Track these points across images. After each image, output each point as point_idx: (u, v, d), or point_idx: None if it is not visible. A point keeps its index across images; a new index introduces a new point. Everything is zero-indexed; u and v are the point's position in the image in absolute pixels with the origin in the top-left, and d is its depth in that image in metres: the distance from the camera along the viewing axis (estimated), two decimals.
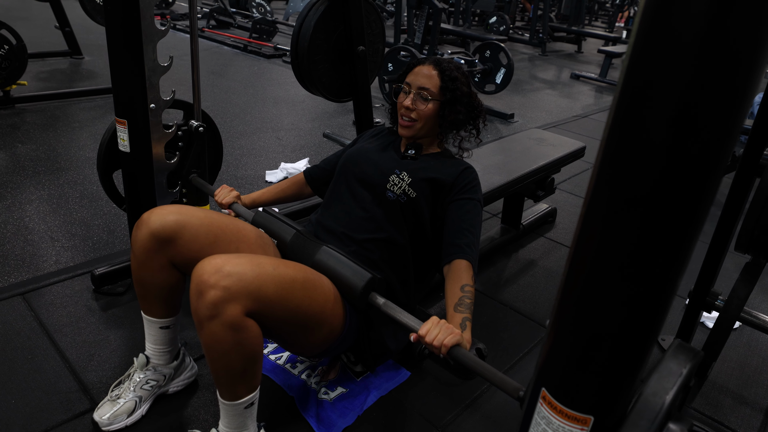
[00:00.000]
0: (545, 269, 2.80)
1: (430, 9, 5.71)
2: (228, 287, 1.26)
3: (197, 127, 2.24)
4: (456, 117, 1.81)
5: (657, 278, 0.78)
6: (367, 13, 2.52)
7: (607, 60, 7.68)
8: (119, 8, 1.84)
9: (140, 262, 1.56)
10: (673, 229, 0.75)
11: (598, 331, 0.83)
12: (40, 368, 1.82)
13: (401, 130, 1.84)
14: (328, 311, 1.50)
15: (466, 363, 1.34)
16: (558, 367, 0.92)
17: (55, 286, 2.21)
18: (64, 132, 3.86)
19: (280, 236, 1.73)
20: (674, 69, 0.67)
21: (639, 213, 0.74)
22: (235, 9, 8.70)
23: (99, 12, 5.09)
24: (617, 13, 13.47)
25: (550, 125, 5.31)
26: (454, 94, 1.79)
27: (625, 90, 0.73)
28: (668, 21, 0.66)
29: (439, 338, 1.35)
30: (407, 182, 1.74)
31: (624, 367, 0.84)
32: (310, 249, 1.64)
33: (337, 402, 1.80)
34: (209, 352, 1.33)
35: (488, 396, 1.92)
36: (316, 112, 5.02)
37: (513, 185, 2.62)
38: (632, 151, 0.73)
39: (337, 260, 1.59)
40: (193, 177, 2.27)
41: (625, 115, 0.73)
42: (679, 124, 0.68)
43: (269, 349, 2.00)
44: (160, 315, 1.64)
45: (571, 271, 0.86)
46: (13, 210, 2.76)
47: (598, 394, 0.87)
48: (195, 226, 1.55)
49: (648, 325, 0.81)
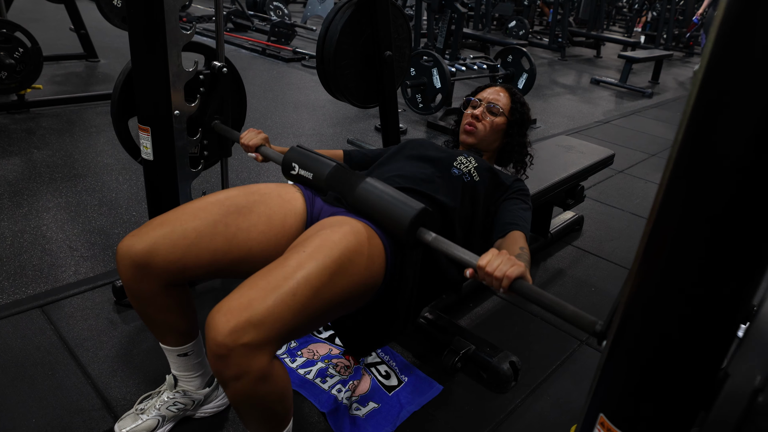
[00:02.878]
0: (574, 278, 2.73)
1: (453, 13, 5.64)
2: (248, 344, 1.09)
3: (220, 68, 2.09)
4: (522, 140, 1.93)
5: (727, 301, 0.73)
6: (395, 17, 2.45)
7: (627, 65, 7.57)
8: (142, 12, 1.77)
9: (133, 293, 1.42)
10: (747, 250, 0.70)
11: (664, 356, 0.79)
12: (61, 385, 1.75)
13: (464, 136, 1.89)
14: (362, 280, 1.32)
15: (533, 297, 1.21)
16: (617, 392, 0.87)
17: (74, 298, 2.15)
18: (81, 137, 3.81)
19: (316, 169, 1.55)
20: (756, 80, 0.62)
21: (710, 233, 0.71)
22: (252, 12, 8.67)
23: (116, 14, 5.04)
24: (635, 18, 13.37)
25: (572, 131, 5.22)
26: (522, 117, 1.91)
27: (699, 103, 0.68)
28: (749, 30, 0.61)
29: (502, 268, 1.21)
30: (474, 165, 1.71)
31: (689, 393, 0.80)
32: (352, 181, 1.47)
33: (370, 418, 1.75)
34: (238, 407, 1.22)
35: (523, 410, 1.86)
36: (337, 117, 4.96)
37: (545, 194, 2.56)
38: (706, 168, 0.69)
39: (383, 192, 1.41)
40: (215, 124, 2.11)
41: (699, 130, 0.69)
42: (757, 139, 0.64)
43: (297, 363, 1.93)
44: (174, 343, 1.53)
45: (634, 293, 0.81)
46: (29, 218, 2.71)
47: (660, 420, 0.83)
48: (167, 233, 1.37)
49: (716, 350, 0.77)
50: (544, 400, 1.91)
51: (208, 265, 1.39)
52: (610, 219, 3.45)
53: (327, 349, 2.02)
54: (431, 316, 2.13)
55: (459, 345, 1.98)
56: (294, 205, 1.53)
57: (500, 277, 1.21)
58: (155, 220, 1.42)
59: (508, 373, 1.91)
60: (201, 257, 1.38)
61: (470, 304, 2.39)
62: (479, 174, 1.71)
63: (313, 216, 1.54)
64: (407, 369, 1.97)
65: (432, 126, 4.92)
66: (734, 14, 0.62)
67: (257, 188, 1.54)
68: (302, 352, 1.99)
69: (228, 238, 1.40)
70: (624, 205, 3.68)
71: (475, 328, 2.25)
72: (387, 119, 2.54)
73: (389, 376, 1.92)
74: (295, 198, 1.55)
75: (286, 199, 1.53)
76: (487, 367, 1.92)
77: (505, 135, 1.93)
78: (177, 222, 1.39)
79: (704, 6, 9.18)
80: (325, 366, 1.93)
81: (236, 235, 1.41)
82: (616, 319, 0.85)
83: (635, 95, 7.32)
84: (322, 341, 2.06)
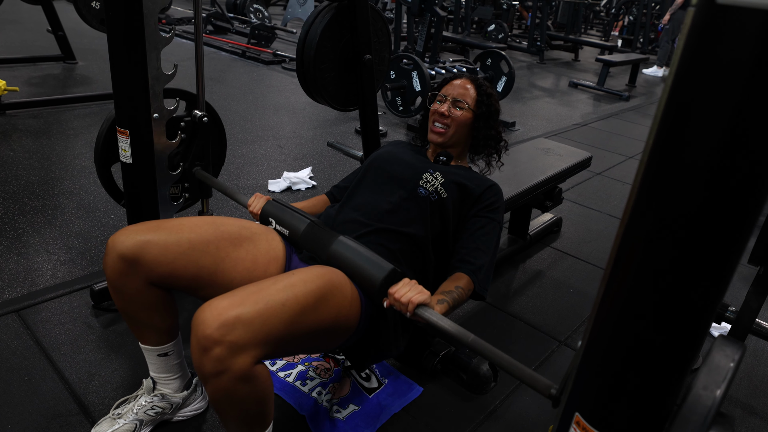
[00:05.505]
0: (553, 280, 2.76)
1: (432, 17, 5.66)
2: (235, 341, 1.12)
3: (201, 117, 2.14)
4: (489, 132, 1.87)
5: (698, 301, 0.75)
6: (374, 20, 2.46)
7: (604, 68, 7.66)
8: (122, 14, 1.76)
9: (116, 288, 1.43)
10: (716, 252, 0.72)
11: (638, 356, 0.81)
12: (38, 390, 1.74)
13: (432, 135, 1.86)
14: (343, 314, 1.39)
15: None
16: (592, 392, 0.89)
17: (51, 303, 2.13)
18: (59, 140, 3.77)
19: (291, 226, 1.61)
20: (721, 89, 0.64)
21: (681, 236, 0.72)
22: (232, 14, 8.63)
23: (94, 16, 4.97)
24: (612, 22, 13.52)
25: (550, 133, 5.27)
26: (489, 109, 1.86)
27: (668, 110, 0.70)
28: (718, 38, 0.63)
29: (408, 295, 1.35)
30: (440, 181, 1.71)
31: (663, 391, 0.81)
32: (325, 239, 1.54)
33: (350, 420, 1.75)
34: (217, 406, 1.23)
35: (502, 411, 1.88)
36: (317, 119, 4.96)
37: (523, 196, 2.58)
38: (674, 174, 0.70)
39: (355, 251, 1.48)
40: (196, 170, 2.17)
41: (668, 137, 0.70)
42: (724, 145, 0.66)
43: (278, 365, 1.94)
44: (154, 342, 1.54)
45: (607, 294, 0.83)
46: (5, 222, 2.67)
47: (635, 419, 0.84)
48: (162, 237, 1.40)
49: (688, 347, 0.79)
50: (523, 400, 1.93)
51: (191, 278, 1.42)
52: (588, 221, 3.49)
53: None
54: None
55: (439, 347, 1.99)
56: (277, 254, 1.57)
57: (405, 302, 1.35)
58: (151, 222, 1.46)
59: (487, 374, 1.92)
60: (188, 269, 1.41)
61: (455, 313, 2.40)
62: (446, 190, 1.71)
63: (291, 267, 1.60)
64: (387, 371, 1.97)
65: (412, 128, 4.93)
66: (700, 24, 0.64)
67: (249, 225, 1.58)
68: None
69: (216, 261, 1.44)
70: (602, 207, 3.72)
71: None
72: (366, 122, 2.55)
73: (369, 379, 1.93)
74: (279, 247, 1.59)
75: (272, 246, 1.58)
76: (467, 368, 1.93)
77: (473, 129, 1.87)
78: (174, 230, 1.43)
79: (668, 14, 9.31)
80: (305, 369, 1.93)
81: (224, 261, 1.45)
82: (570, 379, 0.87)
83: (612, 98, 7.41)
84: None
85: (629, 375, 0.82)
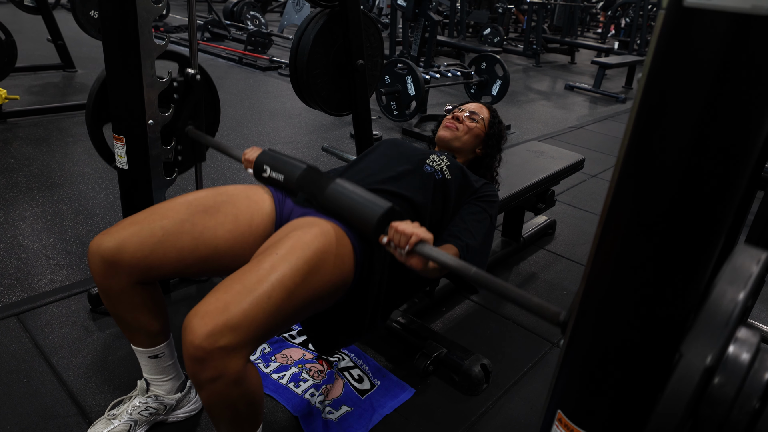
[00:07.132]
0: (547, 282, 2.78)
1: (426, 21, 5.70)
2: (226, 346, 1.13)
3: (194, 75, 2.12)
4: (494, 155, 2.03)
5: (674, 298, 0.76)
6: (366, 26, 2.49)
7: (600, 71, 7.70)
8: (117, 23, 1.80)
9: (103, 289, 1.45)
10: (691, 249, 0.73)
11: (619, 352, 0.81)
12: (37, 392, 1.77)
13: (443, 132, 1.97)
14: (336, 274, 1.37)
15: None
16: (574, 390, 0.90)
17: (50, 306, 2.16)
18: (58, 147, 3.81)
19: (287, 171, 1.57)
20: (692, 88, 0.66)
21: (657, 233, 0.74)
22: (229, 21, 8.68)
23: (92, 25, 5.04)
24: (609, 25, 13.54)
25: (546, 136, 5.30)
26: (500, 132, 2.02)
27: (642, 111, 0.72)
28: (687, 40, 0.65)
29: (411, 228, 1.32)
30: (446, 164, 1.76)
31: (644, 387, 0.82)
32: (321, 182, 1.50)
33: (343, 421, 1.78)
34: (211, 410, 1.24)
35: (494, 412, 1.90)
36: (312, 125, 4.99)
37: (515, 199, 2.60)
38: (648, 172, 0.72)
39: (352, 192, 1.45)
40: (189, 129, 2.13)
41: (641, 137, 0.72)
42: (695, 144, 0.68)
43: (271, 368, 1.96)
44: (144, 344, 1.55)
45: (587, 292, 0.85)
46: (6, 228, 2.71)
47: (617, 415, 0.85)
48: (136, 232, 1.40)
49: (668, 345, 0.79)
50: (515, 401, 1.96)
51: (175, 262, 1.42)
52: (582, 223, 3.52)
53: (301, 354, 2.05)
54: (404, 320, 2.17)
55: (431, 348, 2.01)
56: (261, 206, 1.56)
57: (409, 233, 1.31)
58: (126, 220, 1.46)
59: (479, 375, 1.95)
60: (168, 255, 1.41)
61: (443, 308, 2.43)
62: (451, 172, 1.74)
63: (283, 217, 1.58)
64: (380, 373, 2.00)
65: (407, 133, 4.97)
66: (670, 27, 0.66)
67: (225, 189, 1.57)
68: (276, 357, 2.02)
69: (194, 236, 1.43)
70: (596, 209, 3.74)
71: (448, 331, 2.29)
72: (360, 126, 2.58)
73: (362, 380, 1.96)
74: (264, 199, 1.58)
75: (254, 200, 1.56)
76: (459, 369, 1.96)
77: (482, 144, 2.01)
78: (146, 221, 1.43)
79: None
80: (298, 371, 1.96)
81: (203, 234, 1.44)
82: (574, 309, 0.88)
83: (609, 100, 7.43)
84: (296, 346, 2.09)
85: (610, 372, 0.83)
